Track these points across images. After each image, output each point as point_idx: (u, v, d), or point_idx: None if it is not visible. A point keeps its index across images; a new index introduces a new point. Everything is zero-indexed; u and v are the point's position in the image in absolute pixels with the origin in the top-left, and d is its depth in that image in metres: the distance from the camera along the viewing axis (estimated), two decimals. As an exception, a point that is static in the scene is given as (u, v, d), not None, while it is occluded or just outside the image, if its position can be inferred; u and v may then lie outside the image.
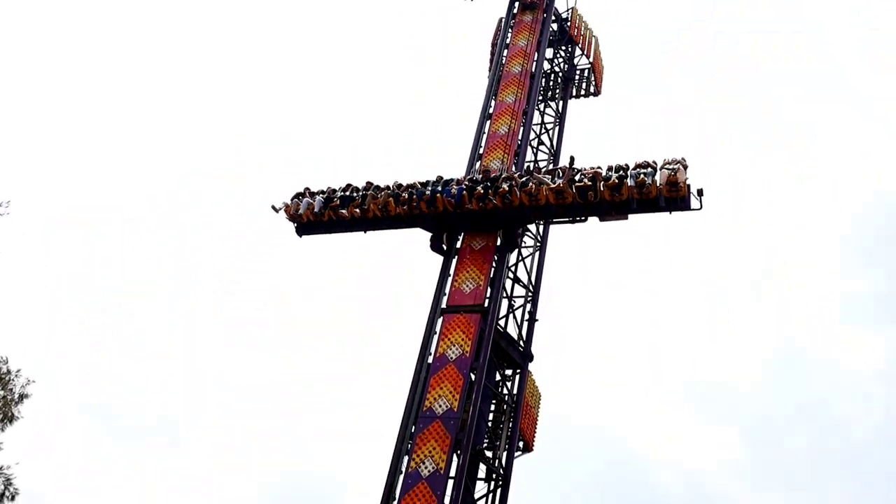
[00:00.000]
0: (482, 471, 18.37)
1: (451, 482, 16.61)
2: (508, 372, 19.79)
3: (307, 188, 20.86)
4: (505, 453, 18.54)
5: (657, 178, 17.64)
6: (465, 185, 18.94)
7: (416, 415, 17.27)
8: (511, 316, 20.26)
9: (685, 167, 17.61)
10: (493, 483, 18.36)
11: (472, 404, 17.21)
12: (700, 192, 17.40)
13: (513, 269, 20.91)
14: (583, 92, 25.48)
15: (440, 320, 18.74)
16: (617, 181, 17.80)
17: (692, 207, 17.40)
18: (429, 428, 16.78)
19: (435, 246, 19.81)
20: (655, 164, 17.96)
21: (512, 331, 19.95)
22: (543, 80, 24.44)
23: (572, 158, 18.78)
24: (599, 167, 18.35)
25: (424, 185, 19.51)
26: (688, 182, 17.45)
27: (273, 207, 20.62)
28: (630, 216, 18.43)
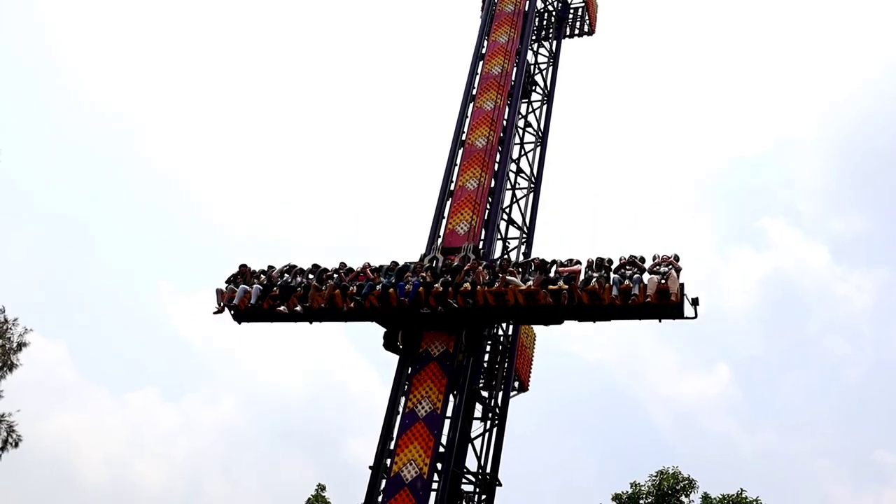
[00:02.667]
0: (478, 410, 18.66)
1: (447, 422, 16.90)
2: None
3: (243, 266, 18.70)
4: (500, 393, 18.80)
5: (645, 283, 15.36)
6: (421, 278, 16.75)
7: (412, 358, 17.42)
8: (506, 257, 20.30)
9: (678, 271, 15.46)
10: (489, 422, 18.66)
11: (467, 346, 17.39)
12: (695, 301, 15.26)
13: (507, 210, 20.89)
14: (577, 31, 24.96)
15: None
16: (597, 286, 15.65)
17: (686, 316, 15.32)
18: (425, 369, 16.94)
19: (389, 344, 17.67)
20: (643, 262, 15.90)
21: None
22: (536, 19, 24.01)
23: (543, 261, 16.64)
24: (578, 262, 16.25)
25: (377, 270, 17.48)
26: (681, 289, 15.35)
27: (215, 311, 18.32)
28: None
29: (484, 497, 17.68)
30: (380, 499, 16.00)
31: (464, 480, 17.67)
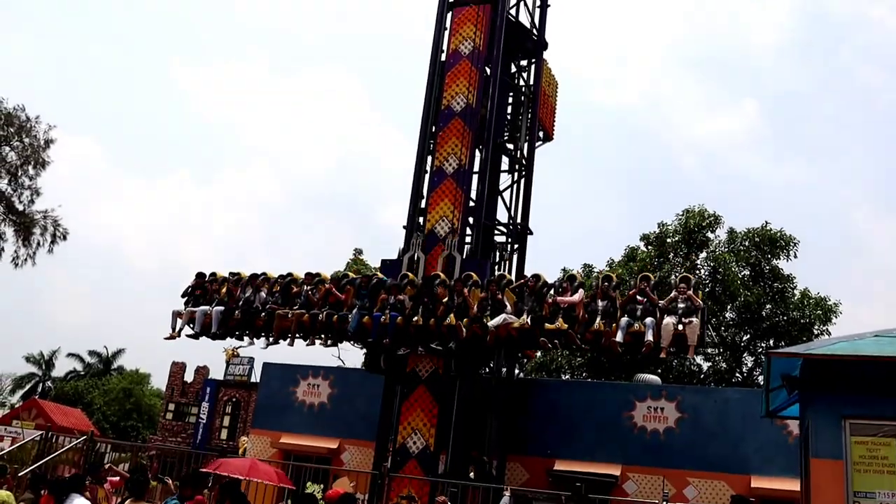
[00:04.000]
0: (504, 163, 18.75)
1: (475, 176, 17.07)
2: (524, 63, 19.40)
3: (200, 277, 16.63)
4: (526, 144, 18.77)
5: (660, 331, 12.96)
6: (399, 303, 14.63)
7: (434, 114, 17.24)
8: (522, 3, 19.35)
9: (697, 310, 13.15)
10: (516, 174, 18.81)
11: (490, 98, 17.10)
12: (701, 341, 13.31)
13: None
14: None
15: (449, 15, 17.99)
16: (603, 327, 13.41)
17: (694, 355, 13.48)
18: (449, 126, 16.81)
19: (372, 366, 16.15)
20: (655, 291, 13.79)
21: (524, 19, 19.18)
22: None
23: (538, 282, 14.17)
24: (580, 286, 14.04)
25: (352, 283, 15.47)
26: (702, 335, 13.18)
27: (168, 337, 16.39)
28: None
29: (517, 246, 18.24)
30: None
31: (495, 232, 18.18)
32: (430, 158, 17.05)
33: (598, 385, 18.19)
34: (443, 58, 17.65)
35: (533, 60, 19.14)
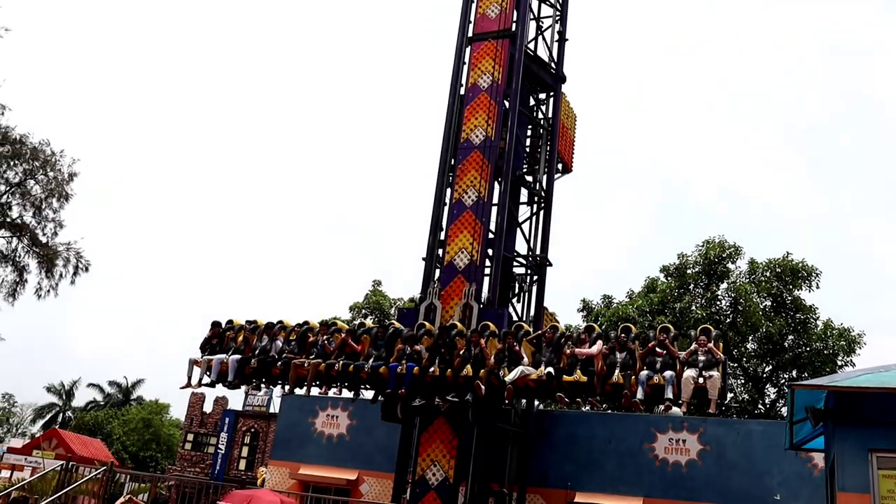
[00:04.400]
0: (524, 195, 18.84)
1: (494, 209, 17.14)
2: (542, 96, 19.56)
3: (216, 326, 16.74)
4: (545, 176, 18.86)
5: (680, 384, 12.73)
6: (415, 354, 14.46)
7: (454, 147, 17.39)
8: (540, 37, 19.58)
9: (718, 363, 12.86)
10: (535, 206, 18.88)
11: (509, 131, 17.24)
12: (723, 394, 12.88)
13: (539, -13, 19.86)
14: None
15: (468, 49, 18.22)
16: (623, 380, 13.06)
17: (715, 409, 12.81)
18: (468, 158, 16.96)
19: (388, 416, 15.62)
20: (676, 340, 13.62)
21: (542, 53, 19.39)
22: None
23: (556, 334, 14.13)
24: (599, 337, 13.73)
25: (368, 332, 15.43)
26: (722, 391, 12.79)
27: (184, 387, 16.57)
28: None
29: (536, 278, 18.25)
30: (436, 286, 16.55)
31: (515, 264, 18.21)
32: (449, 191, 17.18)
33: (619, 417, 18.05)
34: (462, 91, 17.86)
35: (551, 94, 19.30)
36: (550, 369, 13.48)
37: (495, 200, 17.18)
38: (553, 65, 19.34)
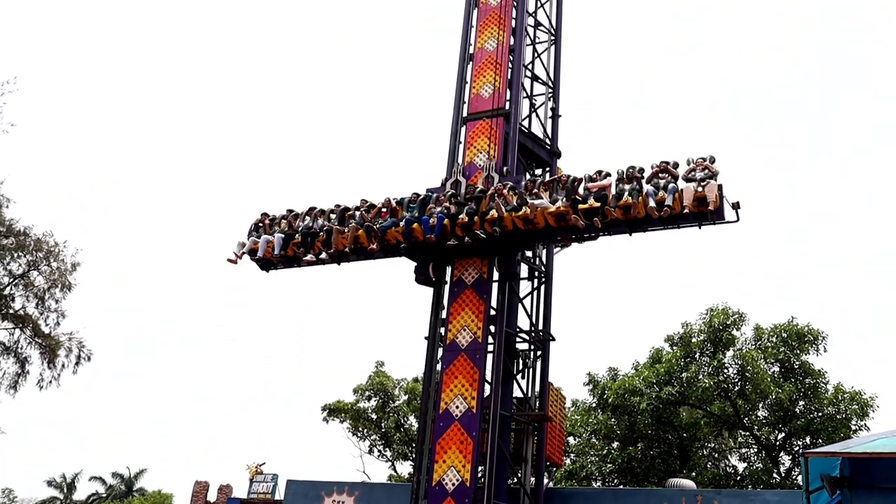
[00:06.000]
0: (524, 270, 18.88)
1: (495, 285, 17.15)
2: (538, 171, 19.84)
3: (264, 215, 18.45)
4: (544, 251, 18.94)
5: (681, 192, 14.63)
6: (445, 209, 16.18)
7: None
8: (534, 115, 19.98)
9: (714, 175, 14.61)
10: (535, 280, 18.91)
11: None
12: (736, 206, 14.65)
13: (530, 66, 20.38)
14: None
15: (463, 129, 18.58)
16: (631, 200, 15.02)
17: (726, 220, 14.81)
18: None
19: (421, 278, 17.23)
20: (677, 167, 15.12)
21: (536, 130, 19.76)
22: None
23: (571, 178, 15.87)
24: (608, 175, 15.52)
25: (400, 203, 17.11)
26: (720, 193, 14.60)
27: (230, 260, 18.01)
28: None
29: (539, 353, 18.14)
30: (438, 367, 16.48)
31: (517, 339, 18.12)
32: (448, 269, 17.24)
33: (631, 492, 17.71)
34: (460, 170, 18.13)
35: (547, 168, 19.58)
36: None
37: (496, 277, 17.23)
38: (548, 140, 19.69)
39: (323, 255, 17.19)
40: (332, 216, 17.47)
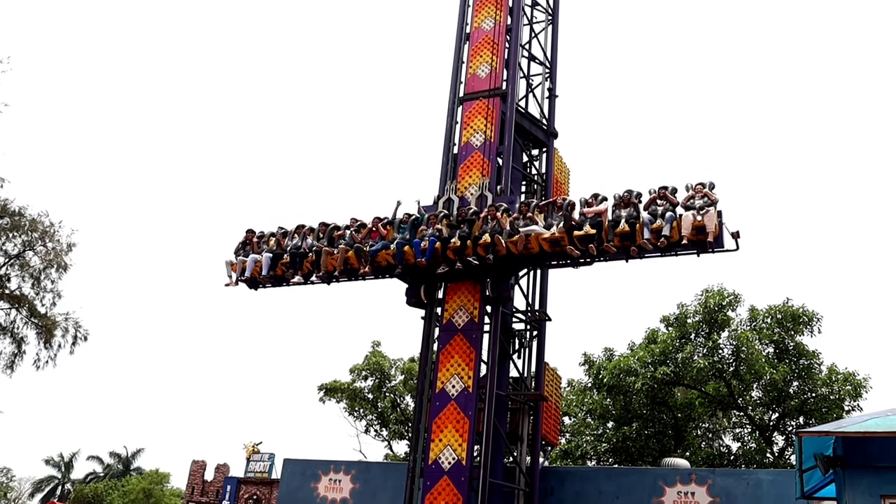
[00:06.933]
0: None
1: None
2: (535, 152, 19.79)
3: (250, 232, 17.85)
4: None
5: (679, 220, 14.17)
6: (437, 232, 15.76)
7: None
8: (531, 95, 19.90)
9: (714, 203, 14.16)
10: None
11: (503, 188, 17.41)
12: (736, 235, 14.12)
13: (527, 46, 20.28)
14: None
15: (460, 109, 18.52)
16: (628, 228, 14.55)
17: (726, 248, 14.18)
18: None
19: (412, 300, 16.91)
20: (675, 192, 14.70)
21: (533, 110, 19.69)
22: None
23: (566, 202, 15.44)
24: (605, 199, 15.08)
25: (391, 223, 16.52)
26: (720, 222, 14.14)
27: (227, 284, 17.75)
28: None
29: (535, 333, 18.19)
30: (434, 346, 16.50)
31: (514, 319, 18.17)
32: (440, 293, 17.10)
33: (626, 471, 17.84)
34: (455, 150, 18.09)
35: (544, 149, 19.53)
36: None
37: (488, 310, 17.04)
38: (544, 121, 19.62)
39: (313, 278, 16.84)
40: (321, 236, 17.01)
